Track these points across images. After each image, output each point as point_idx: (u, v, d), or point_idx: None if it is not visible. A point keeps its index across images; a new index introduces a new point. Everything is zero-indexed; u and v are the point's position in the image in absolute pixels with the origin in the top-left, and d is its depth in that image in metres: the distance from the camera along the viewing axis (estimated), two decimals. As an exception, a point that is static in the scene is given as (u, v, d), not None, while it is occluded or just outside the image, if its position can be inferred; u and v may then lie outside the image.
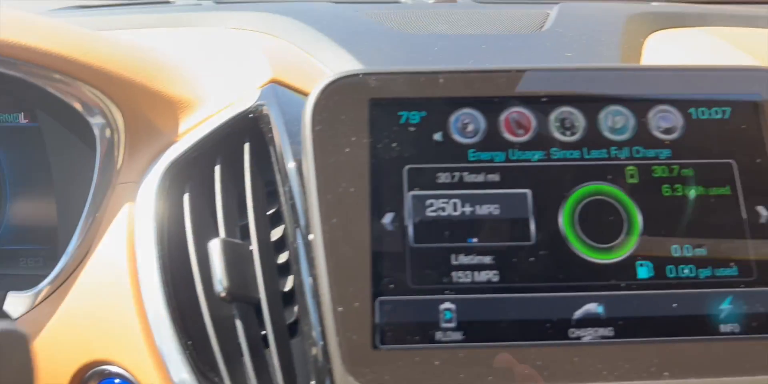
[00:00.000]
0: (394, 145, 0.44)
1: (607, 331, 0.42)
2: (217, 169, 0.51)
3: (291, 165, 0.46)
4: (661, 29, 0.79)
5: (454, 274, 0.42)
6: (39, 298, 0.48)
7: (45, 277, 0.49)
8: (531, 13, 0.82)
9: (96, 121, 0.50)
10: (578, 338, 0.42)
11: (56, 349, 0.46)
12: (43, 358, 0.46)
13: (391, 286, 0.42)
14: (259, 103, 0.52)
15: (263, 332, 0.46)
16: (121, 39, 0.57)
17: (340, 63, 0.63)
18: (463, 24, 0.77)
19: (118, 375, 0.45)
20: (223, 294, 0.45)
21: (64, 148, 0.56)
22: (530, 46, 0.68)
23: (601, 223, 0.44)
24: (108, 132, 0.50)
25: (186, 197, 0.50)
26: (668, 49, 0.73)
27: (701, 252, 0.43)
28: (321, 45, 0.67)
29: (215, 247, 0.46)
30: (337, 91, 0.44)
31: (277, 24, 0.74)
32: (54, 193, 0.56)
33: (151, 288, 0.46)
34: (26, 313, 0.48)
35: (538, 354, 0.41)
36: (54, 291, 0.48)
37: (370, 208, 0.42)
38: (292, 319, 0.47)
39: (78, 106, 0.50)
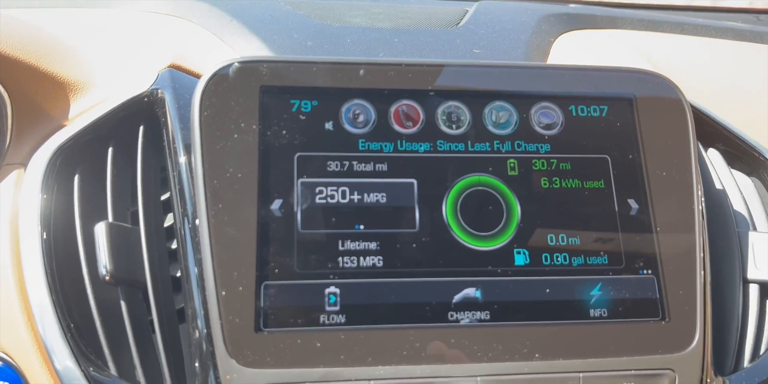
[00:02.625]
0: (284, 132, 0.45)
1: (484, 315, 0.44)
2: (110, 151, 0.50)
3: (181, 149, 0.46)
4: (571, 30, 0.82)
5: (340, 259, 0.43)
6: None
7: None
8: (450, 10, 0.84)
9: (-21, 100, 0.49)
10: (457, 321, 0.43)
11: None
12: None
13: (277, 270, 0.42)
14: (154, 87, 0.52)
15: (151, 317, 0.46)
16: (13, 17, 0.55)
17: (249, 49, 0.63)
18: (381, 18, 0.78)
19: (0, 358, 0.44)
20: (107, 277, 0.45)
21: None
22: (442, 41, 0.70)
23: (483, 212, 0.46)
24: (-6, 111, 0.49)
25: (76, 179, 0.49)
26: (574, 50, 0.76)
27: (575, 241, 0.46)
28: (233, 30, 0.67)
29: (100, 230, 0.46)
30: (228, 76, 0.44)
31: (192, 8, 0.73)
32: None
33: (34, 271, 0.45)
34: None
35: (418, 336, 0.42)
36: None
37: (258, 193, 0.43)
38: (182, 305, 0.47)
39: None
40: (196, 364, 0.42)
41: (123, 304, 0.45)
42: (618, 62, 0.74)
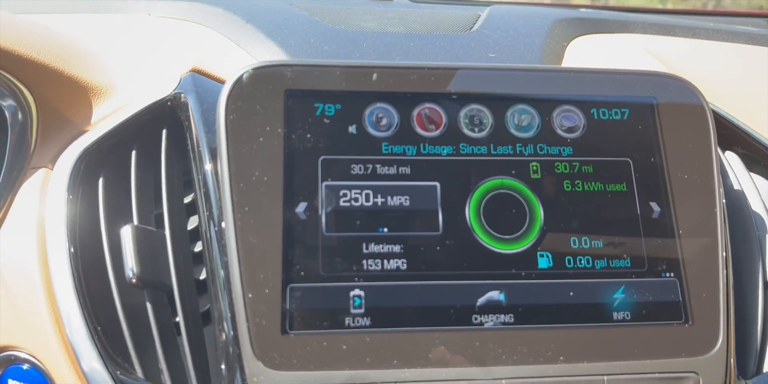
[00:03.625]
0: (309, 136, 0.45)
1: (508, 318, 0.44)
2: (133, 154, 0.51)
3: (206, 153, 0.47)
4: (584, 34, 0.83)
5: (364, 262, 0.44)
6: (-59, 284, 0.47)
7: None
8: (462, 15, 0.84)
9: (7, 104, 0.49)
10: (481, 324, 0.43)
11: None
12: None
13: (302, 273, 0.43)
14: (177, 91, 0.52)
15: (177, 319, 0.46)
16: (36, 23, 0.56)
17: (266, 54, 0.63)
18: (394, 22, 0.79)
19: (25, 360, 0.44)
20: (134, 280, 0.45)
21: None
22: (456, 46, 0.70)
23: (506, 215, 0.46)
24: (20, 115, 0.49)
25: (100, 183, 0.50)
26: (588, 54, 0.76)
27: (598, 244, 0.46)
28: (249, 35, 0.67)
29: (126, 233, 0.46)
30: (253, 80, 0.45)
31: (206, 13, 0.74)
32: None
33: (61, 274, 0.45)
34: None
35: (442, 339, 0.43)
36: (-43, 276, 0.47)
37: (283, 197, 0.43)
38: (206, 307, 0.48)
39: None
40: (222, 366, 0.42)
41: (149, 306, 0.45)
42: (633, 66, 0.74)
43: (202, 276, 0.49)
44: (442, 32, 0.75)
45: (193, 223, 0.51)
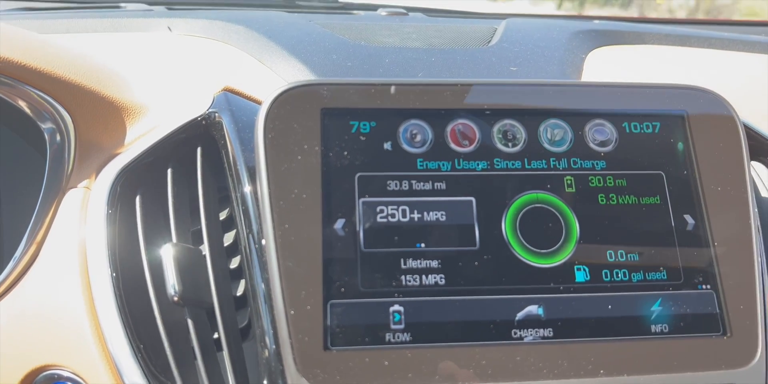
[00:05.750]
0: (345, 153, 0.45)
1: (547, 332, 0.44)
2: (169, 172, 0.51)
3: (244, 171, 0.47)
4: (601, 46, 0.83)
5: (402, 277, 0.44)
6: (-16, 304, 0.48)
7: (-11, 283, 0.49)
8: (479, 28, 0.85)
9: (46, 126, 0.50)
10: (520, 338, 0.44)
11: (4, 353, 0.46)
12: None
13: (342, 289, 0.43)
14: (211, 110, 0.53)
15: (215, 336, 0.47)
16: (70, 45, 0.57)
17: (291, 71, 0.64)
18: (413, 37, 0.80)
19: (68, 379, 0.45)
20: (176, 298, 0.45)
21: (9, 153, 0.56)
22: (477, 59, 0.71)
23: (542, 229, 0.46)
24: (58, 137, 0.50)
25: (137, 201, 0.50)
26: (607, 66, 0.77)
27: (634, 257, 0.46)
28: (273, 53, 0.68)
29: (167, 252, 0.47)
30: (290, 100, 0.45)
31: (229, 31, 0.75)
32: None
33: (103, 292, 0.46)
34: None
35: (483, 354, 0.43)
36: (2, 296, 0.48)
37: (322, 213, 0.44)
38: (244, 323, 0.48)
39: (28, 111, 0.50)
40: (265, 382, 0.42)
41: (190, 323, 0.45)
42: (653, 78, 0.75)
43: (239, 292, 0.49)
44: (462, 46, 0.76)
45: (228, 239, 0.51)
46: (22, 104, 0.49)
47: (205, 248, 0.48)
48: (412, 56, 0.71)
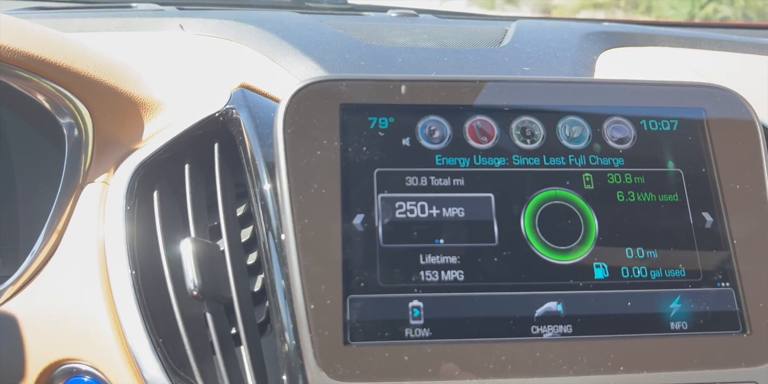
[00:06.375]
0: (364, 149, 0.45)
1: (567, 328, 0.44)
2: (187, 168, 0.51)
3: (262, 167, 0.47)
4: (612, 48, 0.83)
5: (422, 273, 0.44)
6: (2, 298, 0.48)
7: (6, 277, 0.49)
8: (490, 29, 0.85)
9: (65, 121, 0.50)
10: (540, 335, 0.44)
11: (23, 347, 0.46)
12: (9, 355, 0.45)
13: (362, 284, 0.43)
14: (229, 106, 0.53)
15: (233, 330, 0.47)
16: (86, 42, 0.57)
17: (305, 70, 0.64)
18: (425, 37, 0.80)
19: (87, 373, 0.45)
20: (195, 293, 0.45)
21: (28, 147, 0.56)
22: (490, 60, 0.71)
23: (560, 226, 0.46)
24: (76, 132, 0.50)
25: (155, 197, 0.50)
26: (618, 67, 0.77)
27: (652, 255, 0.46)
28: (286, 52, 0.68)
29: (186, 246, 0.47)
30: (309, 95, 0.45)
31: (241, 31, 0.75)
32: (17, 192, 0.55)
33: (122, 286, 0.46)
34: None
35: (502, 350, 0.43)
36: (19, 290, 0.48)
37: (341, 209, 0.44)
38: (261, 318, 0.48)
39: (47, 106, 0.50)
40: (284, 377, 0.42)
41: (209, 318, 0.45)
42: (668, 77, 0.75)
43: (257, 287, 0.49)
44: (474, 47, 0.76)
45: (245, 234, 0.51)
46: (41, 98, 0.49)
47: (224, 243, 0.48)
48: (424, 56, 0.71)
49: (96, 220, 0.49)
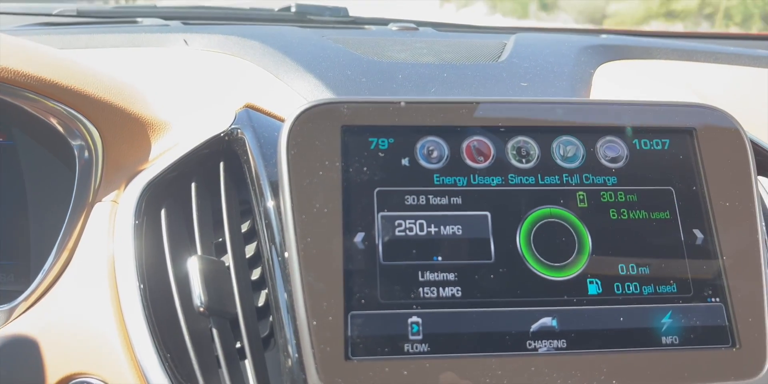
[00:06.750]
0: (365, 169, 0.47)
1: (561, 343, 0.45)
2: (193, 186, 0.53)
3: (266, 185, 0.49)
4: (609, 61, 0.85)
5: (420, 289, 0.45)
6: (15, 313, 0.49)
7: (19, 292, 0.50)
8: (489, 43, 0.87)
9: (77, 143, 0.52)
10: (535, 349, 0.45)
11: (35, 361, 0.47)
12: (22, 369, 0.47)
13: (362, 301, 0.44)
14: (234, 126, 0.55)
15: (238, 345, 0.48)
16: (93, 62, 0.58)
17: (307, 87, 0.66)
18: (424, 52, 0.81)
19: (97, 387, 0.46)
20: (201, 309, 0.47)
21: (39, 167, 0.57)
22: (489, 75, 0.73)
23: (555, 243, 0.47)
24: (86, 154, 0.52)
25: (163, 215, 0.52)
26: (615, 80, 0.78)
27: (645, 271, 0.48)
28: (288, 68, 0.70)
29: (193, 264, 0.48)
30: (311, 118, 0.47)
31: (245, 46, 0.76)
32: (28, 210, 0.57)
33: (131, 302, 0.48)
34: (1, 327, 0.49)
35: (499, 364, 0.44)
36: (31, 306, 0.49)
37: (342, 227, 0.45)
38: (265, 333, 0.49)
39: (60, 129, 0.51)
40: None
41: (215, 333, 0.47)
42: (661, 92, 0.76)
43: (261, 302, 0.51)
44: (472, 62, 0.77)
45: (249, 250, 0.53)
46: (54, 122, 0.51)
47: (229, 260, 0.50)
48: (424, 72, 0.73)
49: (106, 238, 0.51)
